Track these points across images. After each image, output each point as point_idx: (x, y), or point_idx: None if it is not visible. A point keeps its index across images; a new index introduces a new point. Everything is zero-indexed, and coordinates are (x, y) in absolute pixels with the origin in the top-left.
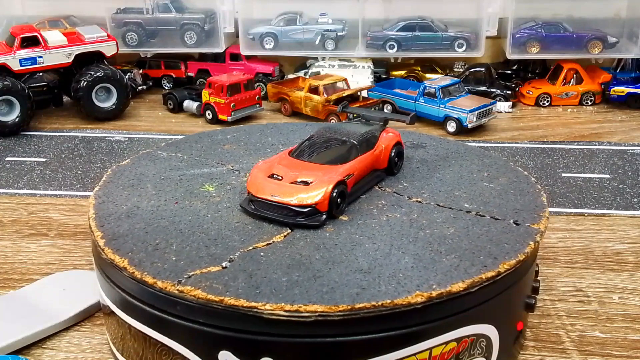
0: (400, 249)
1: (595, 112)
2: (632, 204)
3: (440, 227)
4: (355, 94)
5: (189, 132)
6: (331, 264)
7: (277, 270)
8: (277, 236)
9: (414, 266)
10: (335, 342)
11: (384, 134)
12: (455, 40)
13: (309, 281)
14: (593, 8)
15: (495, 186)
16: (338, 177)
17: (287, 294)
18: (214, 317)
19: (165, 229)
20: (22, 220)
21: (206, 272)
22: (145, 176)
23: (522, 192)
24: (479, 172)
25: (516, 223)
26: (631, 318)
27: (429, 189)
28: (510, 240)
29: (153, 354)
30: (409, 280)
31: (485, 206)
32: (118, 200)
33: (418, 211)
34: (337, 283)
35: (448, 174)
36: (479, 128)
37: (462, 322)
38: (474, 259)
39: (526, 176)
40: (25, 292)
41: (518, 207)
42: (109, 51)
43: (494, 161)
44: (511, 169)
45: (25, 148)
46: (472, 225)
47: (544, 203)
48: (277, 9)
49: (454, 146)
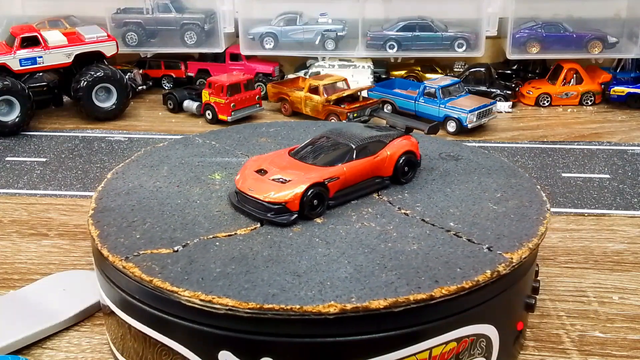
0: (349, 257)
1: (595, 112)
2: (632, 204)
3: (405, 242)
4: (355, 94)
5: (189, 132)
6: (271, 262)
7: (217, 261)
8: (244, 229)
9: (348, 277)
10: (335, 342)
11: (396, 141)
12: (455, 40)
13: (238, 275)
14: (593, 8)
15: (498, 208)
16: (316, 179)
17: (209, 285)
18: (214, 318)
19: (151, 208)
20: (22, 220)
21: (156, 253)
22: (168, 159)
23: (522, 218)
24: (494, 192)
25: (489, 249)
26: (631, 318)
27: (426, 203)
28: (467, 265)
29: (153, 354)
30: (332, 290)
31: (470, 228)
32: (129, 178)
33: (397, 223)
34: (262, 281)
35: (459, 190)
36: (479, 128)
37: (462, 322)
38: (413, 279)
39: (542, 202)
40: (25, 292)
41: (505, 232)
42: (109, 51)
43: (519, 182)
44: (531, 191)
45: (25, 148)
46: (441, 245)
47: (537, 233)
48: (277, 9)
49: (489, 161)
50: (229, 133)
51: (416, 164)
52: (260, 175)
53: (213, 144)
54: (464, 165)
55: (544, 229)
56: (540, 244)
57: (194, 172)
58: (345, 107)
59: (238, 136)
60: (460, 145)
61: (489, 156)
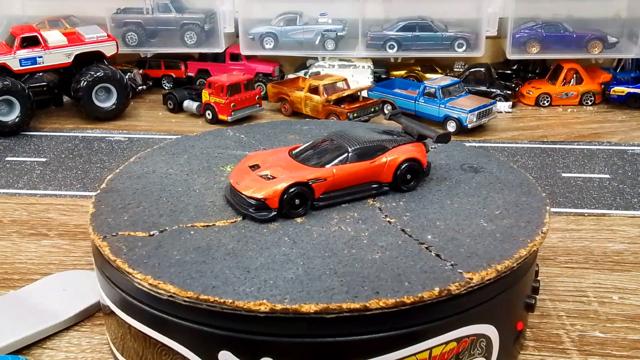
0: (306, 259)
1: (595, 112)
2: (632, 204)
3: (370, 250)
4: (355, 94)
5: (188, 132)
6: (230, 256)
7: (182, 249)
8: (223, 221)
9: (293, 278)
10: (335, 342)
11: (401, 147)
12: (455, 40)
13: (192, 265)
14: (593, 8)
15: (488, 226)
16: (298, 179)
17: (161, 271)
18: (214, 317)
19: (152, 193)
20: (22, 220)
21: (132, 235)
22: (192, 148)
23: (507, 238)
24: (494, 209)
25: (453, 266)
26: (631, 318)
27: (417, 213)
28: (418, 280)
29: (153, 354)
30: (271, 289)
31: (446, 243)
32: (148, 163)
33: (374, 231)
34: (211, 273)
35: (459, 204)
36: (479, 128)
37: (462, 322)
38: (355, 288)
39: (540, 224)
40: (25, 292)
41: (480, 252)
42: (109, 51)
43: (529, 201)
44: (536, 212)
45: (25, 148)
46: (405, 257)
47: (514, 255)
48: (277, 9)
49: (511, 176)
50: (262, 128)
51: (420, 173)
52: (251, 170)
53: (242, 137)
54: (480, 178)
55: (525, 253)
56: (513, 266)
57: (209, 162)
58: (345, 107)
59: (270, 131)
60: (488, 157)
61: (513, 171)
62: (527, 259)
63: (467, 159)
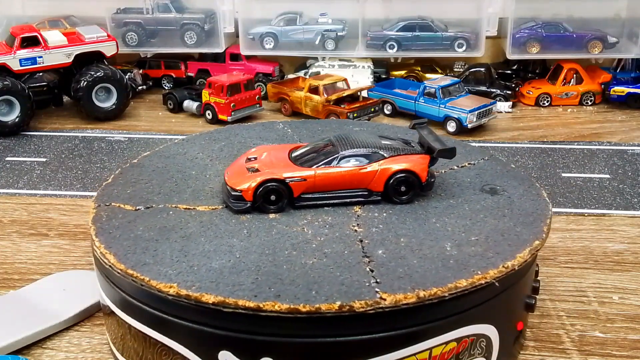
0: (245, 253)
1: (595, 112)
2: (632, 204)
3: (310, 255)
4: (355, 94)
5: (189, 132)
6: (183, 239)
7: (150, 225)
8: (206, 207)
9: (217, 268)
10: (335, 342)
11: (400, 157)
12: (455, 40)
13: (144, 241)
14: (593, 8)
15: (450, 251)
16: (274, 175)
17: (116, 242)
18: (214, 317)
19: (167, 172)
20: (22, 220)
21: (120, 207)
22: (234, 137)
23: (456, 267)
24: (476, 236)
25: (376, 283)
26: (631, 318)
27: (389, 227)
28: (327, 291)
29: (153, 354)
30: (188, 275)
31: (391, 261)
32: (185, 146)
33: (333, 237)
34: (153, 251)
35: (441, 224)
36: (479, 128)
37: (462, 322)
38: (259, 288)
39: (509, 257)
40: (25, 292)
41: (416, 275)
42: (109, 51)
43: (522, 232)
44: (517, 245)
45: (25, 148)
46: (337, 267)
47: (450, 285)
48: (277, 9)
49: (528, 204)
50: (315, 125)
51: (415, 186)
52: (245, 162)
53: (288, 131)
54: (492, 201)
55: (466, 284)
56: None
57: (239, 152)
58: (345, 107)
59: (319, 128)
60: (521, 180)
61: (535, 199)
62: (468, 289)
63: (494, 179)
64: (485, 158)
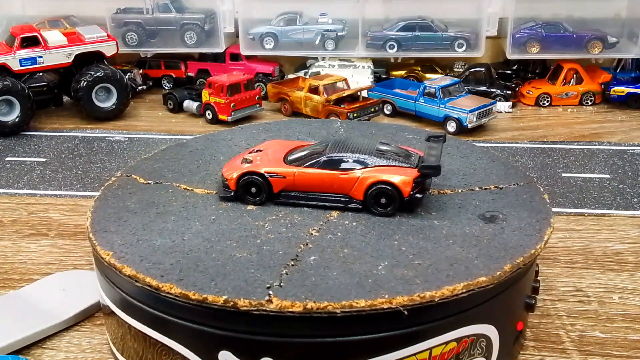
0: (190, 236)
1: (595, 112)
2: (632, 204)
3: (242, 249)
4: (355, 94)
5: (189, 132)
6: (155, 214)
7: (142, 198)
8: (204, 190)
9: (156, 245)
10: (335, 342)
11: (386, 168)
12: (455, 40)
13: (124, 212)
14: (593, 8)
15: (372, 270)
16: (255, 169)
17: (103, 208)
18: (214, 317)
19: (201, 154)
20: (22, 220)
21: (135, 179)
22: (286, 129)
23: (365, 285)
24: (415, 259)
25: (267, 288)
26: (631, 318)
27: (345, 237)
28: (226, 286)
29: (153, 354)
30: (128, 247)
31: (304, 270)
32: (236, 133)
33: (283, 236)
34: (123, 222)
35: (399, 243)
36: (479, 128)
37: (462, 322)
38: (184, 273)
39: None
40: (25, 292)
41: (310, 286)
42: (109, 51)
43: (478, 267)
44: (451, 283)
45: (25, 148)
46: (253, 264)
47: (364, 304)
48: (277, 9)
49: (515, 237)
50: (371, 127)
51: (396, 200)
52: (247, 153)
53: (341, 130)
54: (477, 229)
55: (354, 304)
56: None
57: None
58: (345, 107)
59: (375, 132)
60: (535, 212)
61: (530, 234)
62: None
63: (511, 207)
64: (519, 184)
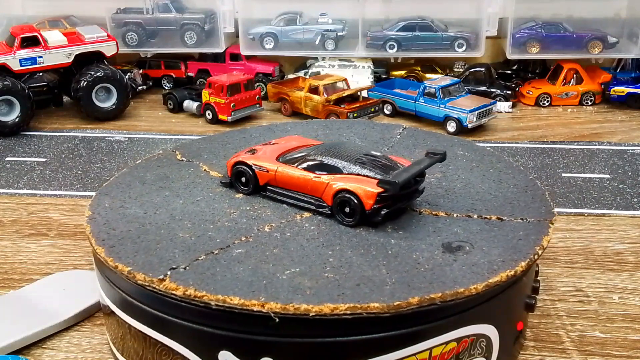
0: (160, 212)
1: (595, 112)
2: (632, 204)
3: (187, 233)
4: (355, 94)
5: (189, 132)
6: (157, 188)
7: (161, 173)
8: (217, 173)
9: (128, 215)
10: (335, 342)
11: (355, 177)
12: (455, 40)
13: (136, 180)
14: (593, 8)
15: (269, 280)
16: (244, 160)
17: (124, 177)
18: (214, 317)
19: (236, 143)
20: (22, 220)
21: (175, 155)
22: (345, 129)
23: (253, 294)
24: (301, 267)
25: (169, 267)
26: (631, 318)
27: (282, 242)
28: (152, 265)
29: (153, 354)
30: (105, 212)
31: (230, 267)
32: (298, 126)
33: (235, 228)
34: (127, 188)
35: (311, 255)
36: (479, 128)
37: (462, 322)
38: (115, 238)
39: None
40: (25, 292)
41: (203, 284)
42: (109, 51)
43: (348, 289)
44: (310, 302)
45: (25, 148)
46: (179, 247)
47: (236, 301)
48: (277, 9)
49: (450, 273)
50: (426, 136)
51: (357, 211)
52: (262, 145)
53: (397, 137)
54: (424, 256)
55: (229, 300)
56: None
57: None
58: (345, 107)
59: (428, 143)
60: (510, 250)
61: (477, 273)
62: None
63: (491, 242)
64: (528, 219)
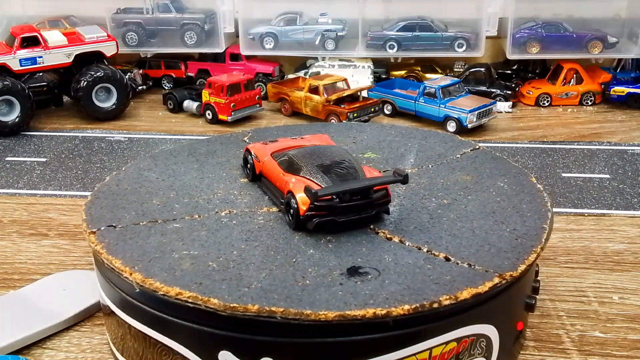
0: (159, 189)
1: (595, 112)
2: (632, 204)
3: (169, 216)
4: (355, 94)
5: (189, 132)
6: (166, 170)
7: (201, 153)
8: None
9: (125, 192)
10: (335, 342)
11: (306, 181)
12: (455, 40)
13: (151, 161)
14: (593, 8)
15: (213, 278)
16: (250, 148)
17: (140, 163)
18: (214, 317)
19: (261, 137)
20: (22, 220)
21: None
22: (387, 135)
23: (191, 287)
24: (246, 278)
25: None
26: (631, 318)
27: (240, 235)
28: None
29: (153, 354)
30: (107, 188)
31: (186, 251)
32: (347, 128)
33: (205, 218)
34: (146, 172)
35: (256, 259)
36: (479, 128)
37: (462, 322)
38: (106, 213)
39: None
40: (25, 292)
41: (154, 275)
42: (109, 51)
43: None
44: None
45: (25, 148)
46: (152, 230)
47: (188, 295)
48: (277, 9)
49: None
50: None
51: (293, 214)
52: (285, 138)
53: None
54: (329, 280)
55: (177, 294)
56: None
57: (357, 146)
58: (345, 107)
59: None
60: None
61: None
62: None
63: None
64: (474, 266)
